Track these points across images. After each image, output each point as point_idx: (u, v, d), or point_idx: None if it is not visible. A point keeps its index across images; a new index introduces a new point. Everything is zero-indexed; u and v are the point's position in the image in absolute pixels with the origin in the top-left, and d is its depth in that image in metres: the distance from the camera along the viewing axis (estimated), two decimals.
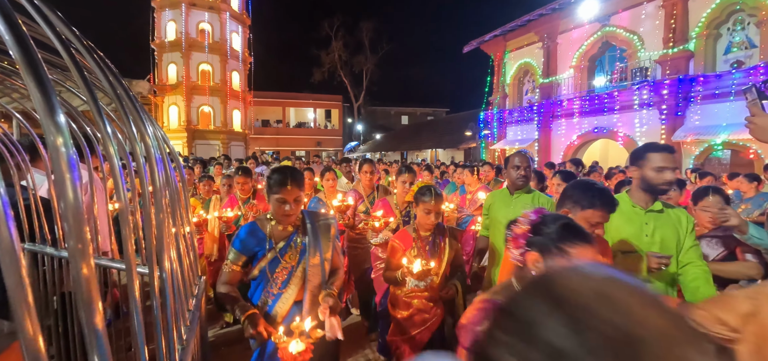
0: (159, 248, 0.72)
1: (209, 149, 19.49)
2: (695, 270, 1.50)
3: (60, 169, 0.41)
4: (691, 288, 1.48)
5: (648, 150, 1.54)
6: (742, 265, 1.85)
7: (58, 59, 1.17)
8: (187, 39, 19.40)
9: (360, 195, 3.08)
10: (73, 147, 0.43)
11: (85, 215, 1.49)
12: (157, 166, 0.79)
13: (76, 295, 0.41)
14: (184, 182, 1.47)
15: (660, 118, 9.39)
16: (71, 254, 0.41)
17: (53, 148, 0.40)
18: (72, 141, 0.43)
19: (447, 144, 19.74)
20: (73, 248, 0.41)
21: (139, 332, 0.62)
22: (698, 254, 1.54)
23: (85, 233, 0.42)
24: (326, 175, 3.45)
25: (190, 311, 1.12)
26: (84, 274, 0.42)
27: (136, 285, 0.58)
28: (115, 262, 1.46)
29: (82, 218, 0.42)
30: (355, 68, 28.66)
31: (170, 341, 0.77)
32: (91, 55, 0.71)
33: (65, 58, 0.57)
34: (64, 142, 0.40)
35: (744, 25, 8.66)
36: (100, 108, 0.55)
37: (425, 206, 1.86)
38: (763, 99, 1.05)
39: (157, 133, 1.00)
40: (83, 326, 0.42)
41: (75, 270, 0.41)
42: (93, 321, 0.42)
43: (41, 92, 0.40)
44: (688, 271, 1.51)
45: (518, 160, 2.30)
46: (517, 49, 14.22)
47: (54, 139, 0.40)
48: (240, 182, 3.23)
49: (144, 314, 0.69)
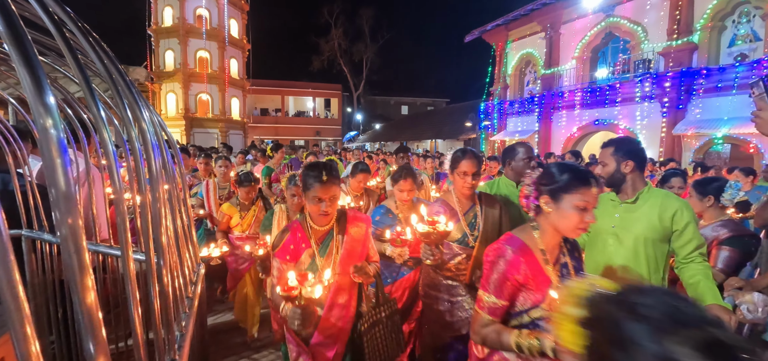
0: (155, 234, 0.71)
1: (207, 138, 19.37)
2: (695, 267, 1.49)
3: (50, 153, 0.39)
4: (692, 284, 1.48)
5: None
6: None
7: (52, 42, 1.13)
8: (185, 25, 19.08)
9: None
10: (63, 130, 0.41)
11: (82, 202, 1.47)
12: (154, 152, 0.77)
13: (69, 282, 0.40)
14: (181, 169, 1.45)
15: (661, 111, 9.34)
16: (63, 241, 0.40)
17: (42, 130, 0.39)
18: (69, 128, 0.41)
19: (447, 135, 19.67)
20: (65, 234, 0.40)
21: (132, 317, 0.61)
22: (697, 248, 1.52)
23: (77, 219, 0.41)
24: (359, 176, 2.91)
25: (189, 297, 1.12)
26: (77, 261, 0.40)
27: (132, 270, 0.57)
28: (113, 249, 1.45)
29: (74, 204, 0.41)
30: (354, 57, 28.34)
31: (168, 327, 0.76)
32: (86, 37, 0.68)
33: (57, 38, 0.55)
34: (53, 123, 0.39)
35: (750, 18, 8.55)
36: (93, 90, 0.53)
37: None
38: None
39: (154, 119, 0.98)
40: (76, 312, 0.41)
41: (67, 257, 0.40)
42: (87, 307, 0.41)
43: (28, 70, 0.38)
44: (688, 268, 1.51)
45: (524, 152, 2.24)
46: (519, 39, 14.04)
47: (43, 121, 0.39)
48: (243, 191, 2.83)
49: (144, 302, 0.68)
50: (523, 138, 12.74)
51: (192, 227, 1.51)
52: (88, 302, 0.41)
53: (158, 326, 0.71)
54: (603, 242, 1.66)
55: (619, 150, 1.63)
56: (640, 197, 1.60)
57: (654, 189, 1.63)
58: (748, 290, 1.41)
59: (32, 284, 1.73)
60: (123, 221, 0.54)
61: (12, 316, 0.34)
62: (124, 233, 0.57)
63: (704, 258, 1.53)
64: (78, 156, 2.01)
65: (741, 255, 1.94)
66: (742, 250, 1.94)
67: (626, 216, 1.61)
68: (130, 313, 0.62)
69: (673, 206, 1.53)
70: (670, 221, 1.52)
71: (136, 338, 0.64)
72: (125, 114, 0.68)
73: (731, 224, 2.04)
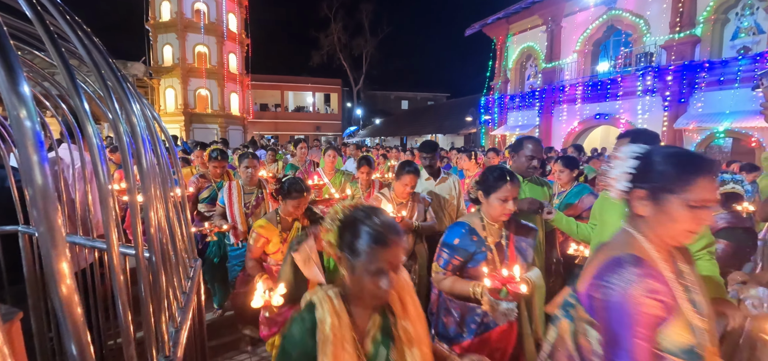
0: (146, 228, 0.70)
1: (207, 133, 19.31)
2: (703, 264, 1.46)
3: (25, 148, 0.37)
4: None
5: None
6: None
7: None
8: (183, 19, 18.92)
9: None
10: (39, 122, 0.39)
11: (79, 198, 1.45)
12: (144, 146, 0.75)
13: (48, 285, 0.38)
14: (176, 162, 1.43)
15: (663, 105, 9.29)
16: (42, 241, 0.38)
17: (16, 122, 0.37)
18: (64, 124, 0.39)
19: (447, 129, 19.61)
20: (43, 233, 0.38)
21: (120, 313, 0.60)
22: (706, 246, 1.48)
23: (56, 217, 0.39)
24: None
25: (185, 292, 1.11)
26: (57, 264, 0.39)
27: (117, 263, 0.55)
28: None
29: (51, 201, 0.39)
30: (354, 51, 28.17)
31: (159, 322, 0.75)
32: (73, 28, 0.65)
33: (35, 23, 0.52)
34: (27, 114, 0.37)
35: (753, 10, 8.45)
36: (75, 79, 0.51)
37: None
38: None
39: (146, 112, 0.96)
40: (57, 314, 0.39)
41: (46, 256, 0.38)
42: (68, 310, 0.40)
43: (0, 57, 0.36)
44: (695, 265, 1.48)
45: (533, 150, 2.11)
46: (520, 32, 13.93)
47: (17, 111, 0.37)
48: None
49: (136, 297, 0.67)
50: (524, 133, 12.70)
51: (189, 223, 1.49)
52: (65, 299, 0.39)
53: (150, 320, 0.69)
54: None
55: (648, 144, 1.58)
56: None
57: None
58: (752, 285, 1.39)
59: (30, 279, 1.72)
60: (108, 215, 0.52)
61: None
62: (111, 229, 0.55)
63: (712, 256, 1.50)
64: (74, 151, 1.99)
65: (734, 248, 1.93)
66: (736, 242, 1.93)
67: None
68: (117, 308, 0.61)
69: None
70: None
71: (126, 333, 0.63)
72: (113, 107, 0.65)
73: (729, 216, 2.02)
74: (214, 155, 3.12)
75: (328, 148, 3.62)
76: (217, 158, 3.10)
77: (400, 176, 2.30)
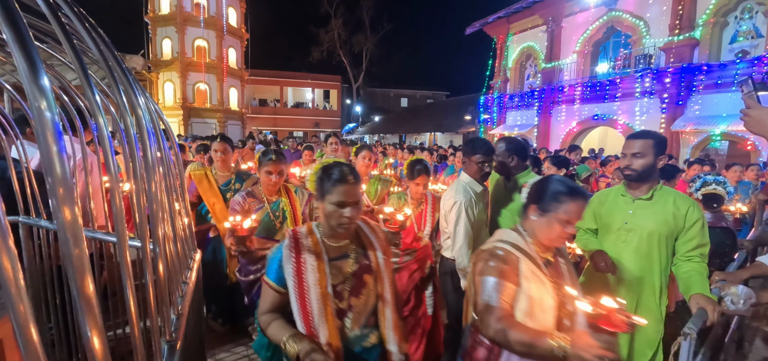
0: (151, 221, 0.72)
1: (206, 128, 19.24)
2: (691, 265, 1.51)
3: (45, 138, 0.39)
4: (684, 278, 1.50)
5: None
6: None
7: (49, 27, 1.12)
8: (182, 13, 18.79)
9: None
10: (58, 114, 0.41)
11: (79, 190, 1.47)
12: (149, 139, 0.77)
13: (66, 269, 0.41)
14: (177, 156, 1.45)
15: (660, 107, 9.34)
16: (60, 228, 0.40)
17: (38, 112, 0.39)
18: (65, 115, 0.41)
19: (446, 128, 19.61)
20: (62, 221, 0.40)
21: (128, 304, 0.62)
22: (698, 247, 1.53)
23: (75, 205, 0.41)
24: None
25: (185, 282, 1.13)
26: (74, 250, 0.41)
27: (127, 257, 0.57)
28: (110, 235, 1.45)
29: (70, 190, 0.41)
30: (354, 48, 28.06)
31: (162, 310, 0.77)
32: (81, 22, 0.68)
33: (52, 22, 0.54)
34: (48, 105, 0.39)
35: (752, 14, 8.50)
36: (89, 75, 0.53)
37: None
38: (759, 91, 1.04)
39: (150, 106, 0.98)
40: (74, 298, 0.41)
41: (64, 244, 0.40)
42: (84, 292, 0.42)
43: (23, 52, 0.38)
44: (686, 265, 1.52)
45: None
46: (520, 32, 13.93)
47: (38, 103, 0.39)
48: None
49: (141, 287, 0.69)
50: (523, 132, 12.73)
51: (189, 215, 1.51)
52: (86, 291, 0.42)
53: (152, 309, 0.72)
54: (615, 238, 1.67)
55: (659, 145, 1.59)
56: (655, 194, 1.61)
57: (666, 187, 1.64)
58: (732, 282, 1.44)
59: (30, 270, 1.74)
60: (119, 209, 0.54)
61: (12, 300, 0.35)
62: (120, 221, 0.58)
63: (703, 259, 1.54)
64: (74, 143, 2.00)
65: (713, 247, 1.96)
66: (715, 241, 1.96)
67: (640, 212, 1.61)
68: (126, 299, 0.63)
69: (686, 204, 1.56)
70: (683, 219, 1.55)
71: (132, 322, 0.65)
72: (121, 101, 0.67)
73: (710, 216, 2.06)
74: (268, 156, 1.96)
75: (361, 148, 2.81)
76: (272, 160, 1.95)
77: (413, 176, 2.20)
